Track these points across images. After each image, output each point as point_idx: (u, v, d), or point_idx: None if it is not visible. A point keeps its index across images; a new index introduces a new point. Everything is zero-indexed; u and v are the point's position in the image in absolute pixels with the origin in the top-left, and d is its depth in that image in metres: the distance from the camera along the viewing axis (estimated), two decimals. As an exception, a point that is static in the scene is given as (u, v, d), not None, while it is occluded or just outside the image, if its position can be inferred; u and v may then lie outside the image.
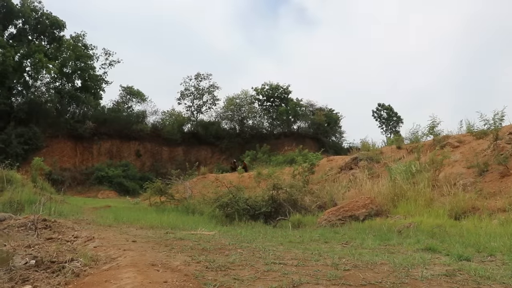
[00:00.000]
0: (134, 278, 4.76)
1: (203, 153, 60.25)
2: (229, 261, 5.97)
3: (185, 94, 63.87)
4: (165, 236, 9.67)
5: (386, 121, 67.02)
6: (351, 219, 12.88)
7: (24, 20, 54.16)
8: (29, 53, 51.42)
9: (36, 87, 55.14)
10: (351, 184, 19.35)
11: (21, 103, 52.55)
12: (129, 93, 61.67)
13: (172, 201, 22.06)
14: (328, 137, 64.62)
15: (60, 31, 56.35)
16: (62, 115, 54.72)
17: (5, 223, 15.17)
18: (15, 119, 49.24)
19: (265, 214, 14.94)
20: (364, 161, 22.56)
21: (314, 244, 8.51)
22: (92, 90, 58.04)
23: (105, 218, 15.69)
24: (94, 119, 55.69)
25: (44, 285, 5.81)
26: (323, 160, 27.90)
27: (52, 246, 9.66)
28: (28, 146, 47.95)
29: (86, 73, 57.44)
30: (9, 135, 46.76)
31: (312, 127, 62.71)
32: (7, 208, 18.81)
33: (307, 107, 64.87)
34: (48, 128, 51.73)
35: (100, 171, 50.62)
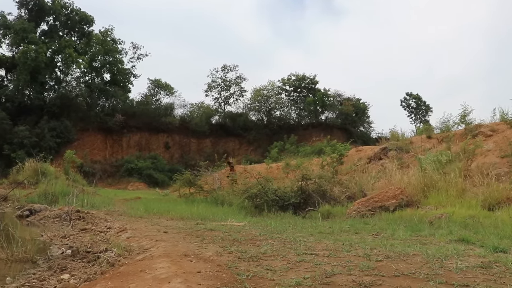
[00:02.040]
0: (168, 268, 4.84)
1: (231, 144, 60.49)
2: (260, 252, 6.01)
3: (212, 86, 64.17)
4: (196, 227, 9.78)
5: (415, 111, 65.91)
6: (381, 210, 12.77)
7: (55, 16, 55.24)
8: (60, 48, 52.51)
9: (67, 82, 56.32)
10: (381, 175, 19.16)
11: (53, 98, 53.74)
12: (157, 86, 62.32)
13: (201, 192, 22.23)
14: (356, 127, 64.05)
15: (89, 26, 57.33)
16: (92, 108, 55.73)
17: (41, 214, 15.62)
18: (48, 113, 50.40)
19: (294, 205, 14.94)
20: (394, 151, 22.29)
21: (345, 235, 8.48)
22: (121, 84, 58.90)
23: (136, 210, 15.94)
24: (123, 112, 56.51)
25: (81, 274, 5.95)
26: (352, 150, 27.67)
27: (86, 237, 9.89)
28: (60, 139, 49.03)
29: (114, 67, 58.31)
30: (43, 129, 47.87)
31: (340, 117, 62.24)
32: (42, 199, 19.33)
33: (334, 97, 64.41)
34: (79, 122, 52.78)
35: (130, 163, 51.40)
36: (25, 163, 28.44)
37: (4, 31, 53.06)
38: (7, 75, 55.31)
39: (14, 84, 51.99)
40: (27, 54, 48.88)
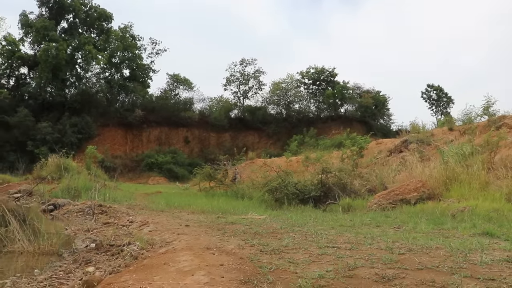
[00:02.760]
0: (191, 261, 4.90)
1: (251, 138, 60.56)
2: (282, 245, 6.03)
3: (231, 80, 64.25)
4: (217, 221, 9.85)
5: (436, 102, 65.07)
6: (402, 203, 12.67)
7: (75, 14, 55.98)
8: (80, 45, 53.22)
9: (87, 78, 57.11)
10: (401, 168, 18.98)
11: (74, 94, 54.55)
12: (176, 81, 62.69)
13: (221, 186, 22.34)
14: (376, 120, 63.53)
15: (108, 23, 57.97)
16: (112, 104, 56.38)
17: (64, 209, 15.90)
18: (69, 110, 51.20)
19: (314, 198, 14.93)
20: (414, 143, 22.08)
21: (366, 228, 8.45)
22: (140, 79, 59.42)
23: (157, 204, 16.11)
24: (143, 107, 57.03)
25: (105, 267, 6.06)
26: (372, 143, 27.49)
27: (109, 230, 10.05)
28: (82, 135, 49.75)
29: (133, 63, 58.83)
30: (64, 125, 48.61)
31: (359, 110, 61.78)
32: (65, 194, 19.67)
33: (354, 90, 64.00)
34: (99, 117, 53.45)
35: (150, 157, 51.87)
36: (48, 159, 28.92)
37: (26, 30, 54.01)
38: (29, 73, 56.40)
39: (36, 82, 52.90)
40: (48, 51, 49.67)
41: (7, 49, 54.20)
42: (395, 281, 4.01)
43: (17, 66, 55.97)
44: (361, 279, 4.08)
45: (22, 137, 47.15)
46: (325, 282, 3.95)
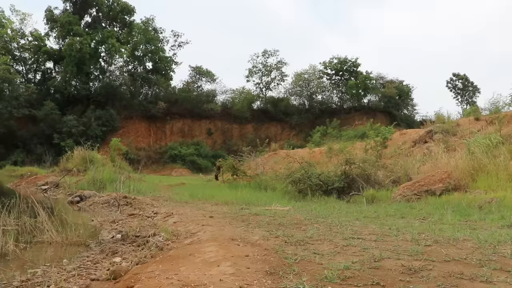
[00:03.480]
0: (216, 252, 4.93)
1: (273, 129, 60.54)
2: (307, 236, 6.03)
3: (253, 71, 64.22)
4: (241, 212, 9.89)
5: (462, 92, 63.86)
6: (427, 194, 12.51)
7: (98, 8, 56.71)
8: (103, 39, 53.93)
9: (110, 72, 57.91)
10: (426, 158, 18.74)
11: (98, 88, 55.39)
12: (198, 73, 62.93)
13: (245, 178, 22.39)
14: (399, 110, 62.75)
15: (130, 16, 58.56)
16: (135, 97, 56.99)
17: (90, 200, 16.18)
18: (93, 103, 52.03)
19: (338, 190, 14.85)
20: (439, 134, 21.79)
21: (391, 219, 8.38)
22: (162, 72, 59.89)
23: (181, 195, 16.24)
24: (166, 99, 57.49)
25: (132, 258, 6.14)
26: (396, 134, 27.20)
27: (134, 222, 10.18)
28: (106, 127, 50.45)
29: (156, 55, 59.29)
30: (89, 118, 49.38)
31: (382, 100, 61.10)
32: (91, 186, 19.99)
33: (377, 80, 63.29)
34: (123, 110, 54.10)
35: (173, 149, 52.33)
36: (74, 152, 29.40)
37: (51, 25, 55.03)
38: (55, 67, 57.55)
39: (61, 76, 53.89)
40: (72, 46, 50.50)
41: (33, 44, 55.34)
42: (422, 273, 3.96)
43: (43, 61, 57.16)
44: (387, 271, 4.05)
45: (48, 130, 48.12)
46: (351, 274, 3.93)
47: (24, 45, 55.79)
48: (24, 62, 56.61)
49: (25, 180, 27.50)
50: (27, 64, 57.08)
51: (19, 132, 48.83)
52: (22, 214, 9.27)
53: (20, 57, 55.96)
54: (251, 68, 64.26)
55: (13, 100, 48.05)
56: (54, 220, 8.71)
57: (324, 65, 63.01)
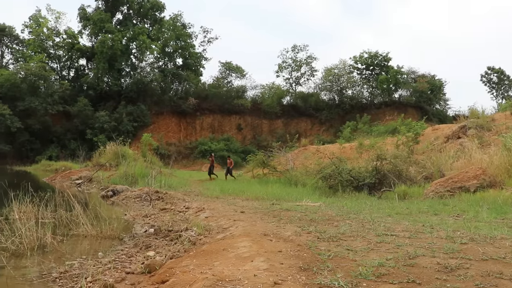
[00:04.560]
0: (249, 247, 4.96)
1: (303, 124, 60.35)
2: (339, 232, 5.99)
3: (283, 66, 64.12)
4: (272, 207, 9.90)
5: (497, 86, 62.23)
6: (461, 191, 12.25)
7: (129, 5, 57.60)
8: (134, 36, 54.77)
9: (141, 68, 58.63)
10: (459, 154, 18.33)
11: (129, 84, 56.22)
12: (228, 68, 63.17)
13: (275, 173, 22.39)
14: (431, 105, 61.65)
15: (160, 13, 59.19)
16: (166, 92, 57.61)
17: (123, 195, 16.45)
18: (125, 99, 52.88)
19: (369, 185, 14.71)
20: (473, 129, 21.25)
21: (424, 216, 8.25)
22: (192, 68, 60.40)
23: (212, 190, 16.35)
24: (196, 95, 57.97)
25: (165, 252, 6.23)
26: (428, 129, 26.73)
27: (166, 216, 10.32)
28: (137, 123, 51.21)
29: (186, 51, 59.84)
30: (121, 114, 50.22)
31: (414, 95, 60.10)
32: (123, 181, 20.33)
33: (408, 75, 62.34)
34: (154, 106, 54.79)
35: (203, 145, 52.70)
36: (106, 147, 29.93)
37: (84, 23, 56.18)
38: (87, 64, 58.75)
39: (94, 72, 55.00)
40: (104, 43, 51.50)
41: (67, 42, 56.63)
42: (459, 271, 3.89)
43: (77, 58, 58.44)
44: (422, 268, 3.99)
45: (81, 126, 49.18)
46: (385, 271, 3.89)
47: (59, 43, 57.11)
48: (58, 59, 57.98)
49: (60, 174, 28.16)
50: (61, 62, 58.45)
51: (54, 128, 50.07)
52: (58, 208, 9.52)
53: (54, 55, 57.32)
54: (281, 63, 64.38)
55: (48, 97, 49.28)
56: (89, 213, 8.91)
57: (355, 59, 62.43)
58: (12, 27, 58.21)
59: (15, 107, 46.60)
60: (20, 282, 5.29)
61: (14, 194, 9.02)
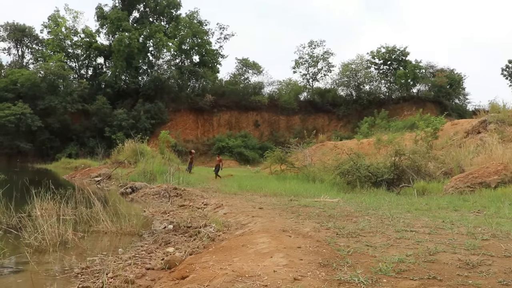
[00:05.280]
0: (268, 243, 4.97)
1: (320, 120, 60.12)
2: (358, 228, 5.97)
3: (300, 62, 63.88)
4: (290, 203, 9.89)
5: (519, 79, 61.03)
6: (481, 186, 12.10)
7: (145, 3, 57.96)
8: (151, 34, 55.05)
9: (158, 65, 58.97)
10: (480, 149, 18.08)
11: (147, 81, 56.59)
12: (244, 65, 63.16)
13: (292, 169, 22.35)
14: (450, 100, 60.82)
15: (176, 10, 59.44)
16: (183, 90, 57.85)
17: (141, 192, 16.60)
18: (142, 96, 53.27)
19: (387, 181, 14.60)
20: (494, 124, 20.92)
21: (443, 212, 8.17)
22: (209, 65, 60.51)
23: (230, 187, 16.39)
24: (213, 92, 58.11)
25: (184, 248, 6.28)
26: (447, 124, 26.41)
27: (185, 213, 10.39)
28: (155, 120, 51.54)
29: (203, 49, 59.97)
30: (138, 112, 50.60)
31: (432, 89, 59.32)
32: (141, 177, 20.52)
33: (427, 69, 61.55)
34: (171, 103, 55.07)
35: (221, 141, 52.82)
36: (124, 144, 30.18)
37: (101, 22, 56.72)
38: (105, 62, 59.41)
39: (112, 71, 55.56)
40: (121, 41, 51.95)
41: (85, 41, 57.24)
42: (481, 268, 3.85)
43: (95, 57, 59.09)
44: (443, 265, 3.96)
45: (100, 123, 49.69)
46: (405, 267, 3.88)
47: (77, 42, 57.76)
48: (76, 58, 58.63)
49: (79, 172, 28.51)
50: (80, 60, 59.11)
51: (73, 126, 50.71)
52: (78, 205, 9.66)
53: (73, 54, 57.99)
54: (298, 59, 64.03)
55: (67, 95, 49.91)
56: (109, 210, 9.02)
57: (372, 54, 61.83)
58: (32, 27, 59.19)
59: (35, 106, 47.34)
60: (43, 277, 5.40)
61: (36, 191, 9.17)
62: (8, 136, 45.62)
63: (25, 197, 9.67)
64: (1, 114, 44.67)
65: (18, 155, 46.97)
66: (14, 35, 58.06)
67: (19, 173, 26.38)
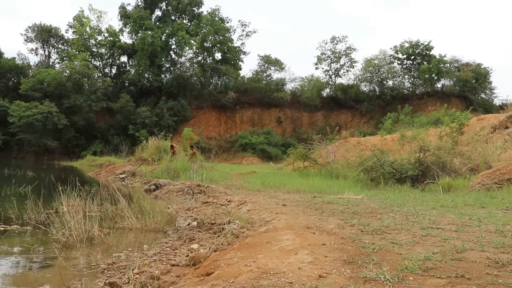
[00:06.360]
0: (293, 240, 4.96)
1: (343, 117, 59.77)
2: (383, 225, 5.91)
3: (322, 58, 63.58)
4: (313, 200, 9.86)
5: (549, 72, 59.70)
6: (510, 183, 11.85)
7: (167, 2, 58.38)
8: (173, 32, 55.54)
9: (181, 63, 59.40)
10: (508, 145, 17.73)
11: (170, 79, 57.17)
12: (267, 61, 63.17)
13: (315, 166, 22.26)
14: (476, 94, 59.76)
15: (198, 8, 59.81)
16: (205, 87, 58.17)
17: (165, 189, 16.73)
18: (165, 94, 53.82)
19: (411, 178, 14.44)
20: (523, 118, 20.51)
21: (470, 209, 8.02)
22: (231, 62, 60.72)
23: (253, 183, 16.40)
24: (235, 89, 58.35)
25: (209, 244, 6.31)
26: (473, 119, 25.94)
27: (208, 209, 10.44)
28: (178, 118, 52.00)
29: (225, 46, 60.20)
30: (162, 109, 51.09)
31: (457, 84, 58.37)
32: (165, 175, 20.68)
33: (451, 63, 60.53)
34: (194, 100, 55.47)
35: (244, 138, 52.97)
36: (148, 141, 30.48)
37: (125, 21, 57.48)
38: (129, 61, 60.17)
39: (135, 69, 56.23)
40: (144, 40, 52.54)
41: (109, 40, 58.07)
42: (511, 267, 3.77)
43: (118, 55, 59.96)
44: (471, 263, 3.89)
45: (124, 121, 50.34)
46: (432, 265, 3.82)
47: (101, 41, 58.66)
48: (100, 57, 59.52)
49: (104, 169, 28.89)
50: (104, 59, 60.03)
51: (98, 124, 51.51)
52: (104, 202, 9.80)
53: (97, 53, 58.93)
54: (320, 55, 63.79)
55: (92, 94, 50.69)
56: (133, 207, 9.12)
57: (395, 49, 61.12)
58: (57, 28, 60.28)
59: (61, 104, 48.27)
60: (71, 272, 5.50)
61: (63, 188, 9.33)
62: (36, 134, 46.60)
63: (52, 194, 9.84)
64: (29, 113, 45.66)
65: (45, 153, 48.04)
66: (41, 36, 59.22)
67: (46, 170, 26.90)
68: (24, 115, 45.73)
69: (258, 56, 63.47)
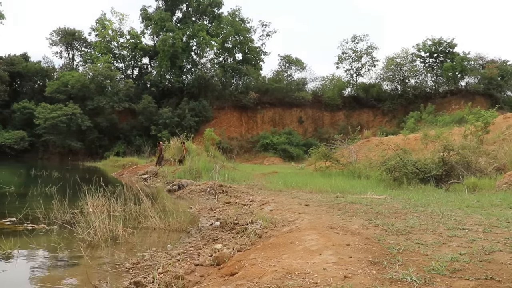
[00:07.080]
0: (317, 241, 4.94)
1: (365, 116, 59.26)
2: (408, 225, 5.85)
3: (343, 57, 63.14)
4: (336, 200, 9.80)
5: None
6: (538, 182, 11.63)
7: (188, 3, 58.82)
8: (194, 33, 55.83)
9: (202, 64, 59.65)
10: (536, 143, 17.40)
11: (191, 80, 57.49)
12: (287, 61, 63.07)
13: (337, 166, 22.13)
14: (502, 92, 58.61)
15: (218, 9, 60.04)
16: (226, 87, 58.37)
17: (188, 189, 16.82)
18: (187, 95, 54.18)
19: (435, 177, 14.24)
20: (550, 116, 20.07)
21: (497, 210, 7.86)
22: (252, 62, 60.77)
23: (275, 184, 16.40)
24: (256, 89, 58.38)
25: (232, 244, 6.32)
26: (499, 117, 25.44)
27: (231, 209, 10.47)
28: (199, 118, 52.24)
29: (245, 46, 60.31)
30: (183, 110, 51.41)
31: (482, 82, 57.27)
32: (187, 175, 20.81)
33: (475, 61, 59.42)
34: (215, 101, 55.69)
35: (265, 138, 52.95)
36: (170, 142, 30.69)
37: (146, 23, 58.12)
38: (150, 62, 60.92)
39: (157, 70, 56.77)
40: (165, 41, 52.98)
41: (131, 42, 58.73)
42: (542, 268, 3.69)
43: (140, 57, 60.52)
44: (501, 265, 3.81)
45: (146, 122, 50.80)
46: (460, 266, 3.76)
47: (123, 44, 59.29)
48: (123, 59, 60.20)
49: (127, 169, 29.21)
50: (126, 61, 60.70)
51: (120, 125, 52.08)
52: (127, 202, 9.91)
53: (119, 55, 59.59)
54: (341, 54, 63.32)
55: (114, 95, 51.32)
56: (157, 207, 9.21)
57: (417, 47, 60.28)
58: (80, 31, 61.10)
59: (85, 106, 48.97)
60: (96, 271, 5.58)
61: (87, 188, 9.47)
62: (60, 136, 47.38)
63: (77, 194, 10.00)
64: (54, 115, 46.44)
65: (70, 154, 48.81)
66: (65, 39, 60.15)
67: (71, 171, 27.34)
68: (49, 117, 46.53)
69: (279, 56, 63.46)
